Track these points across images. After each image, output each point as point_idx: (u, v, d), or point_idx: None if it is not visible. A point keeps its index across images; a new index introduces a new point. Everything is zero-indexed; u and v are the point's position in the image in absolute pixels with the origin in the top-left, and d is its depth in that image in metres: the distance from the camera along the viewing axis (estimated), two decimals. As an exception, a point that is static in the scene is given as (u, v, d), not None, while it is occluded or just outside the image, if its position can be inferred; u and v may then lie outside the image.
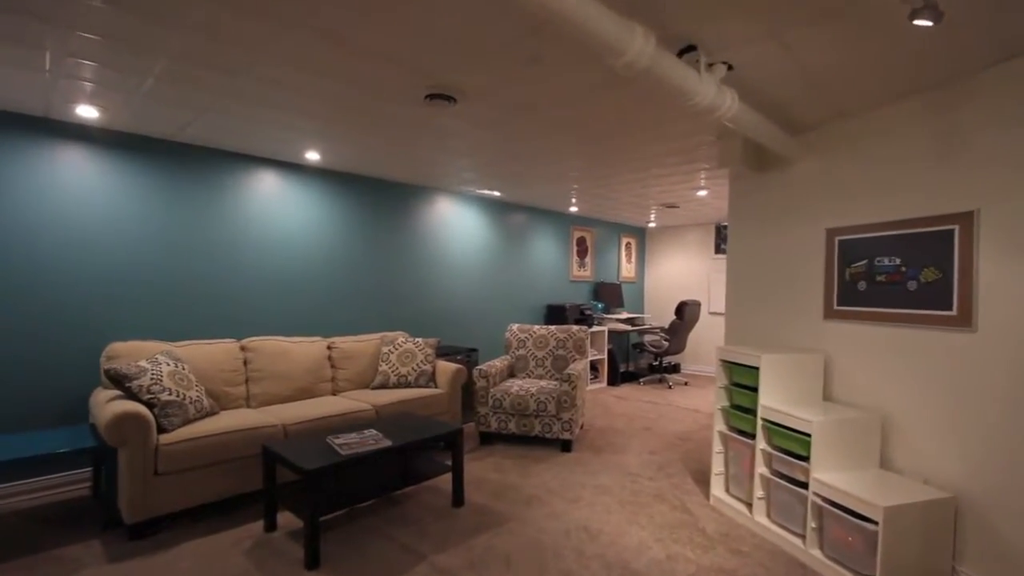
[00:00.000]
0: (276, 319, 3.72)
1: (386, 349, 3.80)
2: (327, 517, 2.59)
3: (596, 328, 5.93)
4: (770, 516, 2.49)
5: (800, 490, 2.28)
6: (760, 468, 2.51)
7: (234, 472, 2.62)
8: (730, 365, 2.76)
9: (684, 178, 4.13)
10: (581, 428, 4.17)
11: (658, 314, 7.51)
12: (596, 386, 5.99)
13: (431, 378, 3.75)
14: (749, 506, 2.61)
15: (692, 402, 5.29)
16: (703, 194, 4.71)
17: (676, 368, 7.13)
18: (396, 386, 3.67)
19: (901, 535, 1.95)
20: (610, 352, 6.16)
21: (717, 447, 2.83)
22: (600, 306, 6.42)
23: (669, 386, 6.07)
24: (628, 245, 7.28)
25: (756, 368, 2.54)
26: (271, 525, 2.46)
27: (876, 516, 1.93)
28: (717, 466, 2.83)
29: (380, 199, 4.32)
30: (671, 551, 2.29)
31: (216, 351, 3.14)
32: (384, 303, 4.36)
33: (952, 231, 2.11)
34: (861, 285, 2.48)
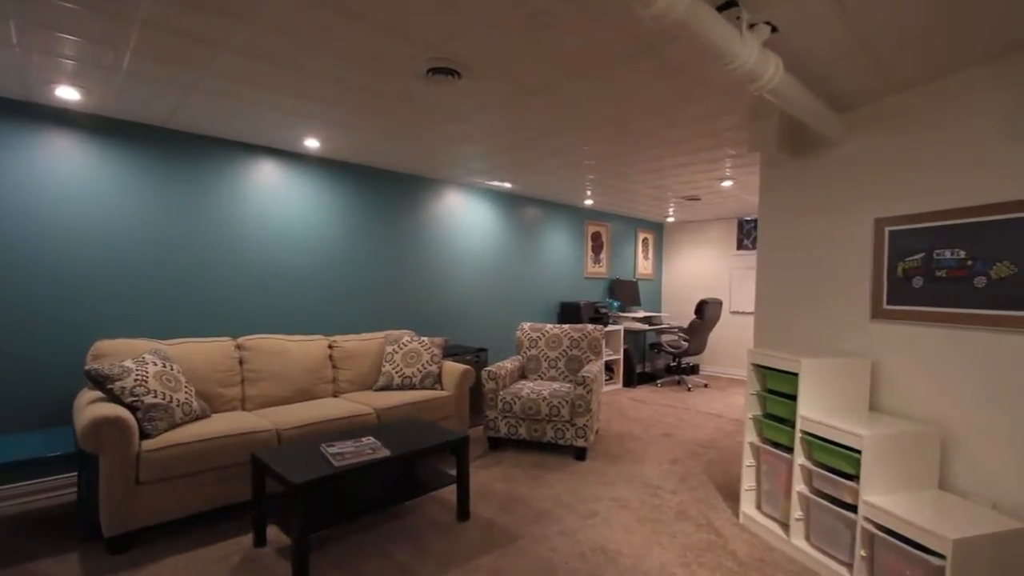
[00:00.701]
0: (275, 316, 3.54)
1: (390, 349, 3.60)
2: (320, 532, 2.39)
3: (611, 327, 5.67)
4: (810, 540, 2.23)
5: (847, 513, 2.02)
6: (798, 486, 2.24)
7: (224, 480, 2.44)
8: (763, 370, 2.50)
9: (708, 167, 3.85)
10: (596, 434, 3.93)
11: (676, 313, 7.21)
12: (611, 387, 5.74)
13: (437, 380, 3.54)
14: (785, 527, 2.35)
15: (713, 406, 5.01)
16: (728, 185, 4.42)
17: (695, 369, 6.83)
18: (400, 388, 3.47)
19: (971, 571, 1.68)
20: (626, 352, 5.89)
21: (748, 460, 2.57)
22: (616, 304, 6.16)
23: (688, 388, 5.79)
24: (645, 241, 7.00)
25: (794, 374, 2.28)
26: (260, 540, 2.27)
27: (943, 549, 1.67)
28: (748, 481, 2.57)
29: (385, 191, 4.12)
30: (699, 579, 2.05)
31: (210, 350, 2.97)
32: (389, 300, 4.17)
33: (1031, 219, 1.82)
34: (916, 281, 2.19)
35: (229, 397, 2.97)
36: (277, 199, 3.54)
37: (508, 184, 4.63)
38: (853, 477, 2.02)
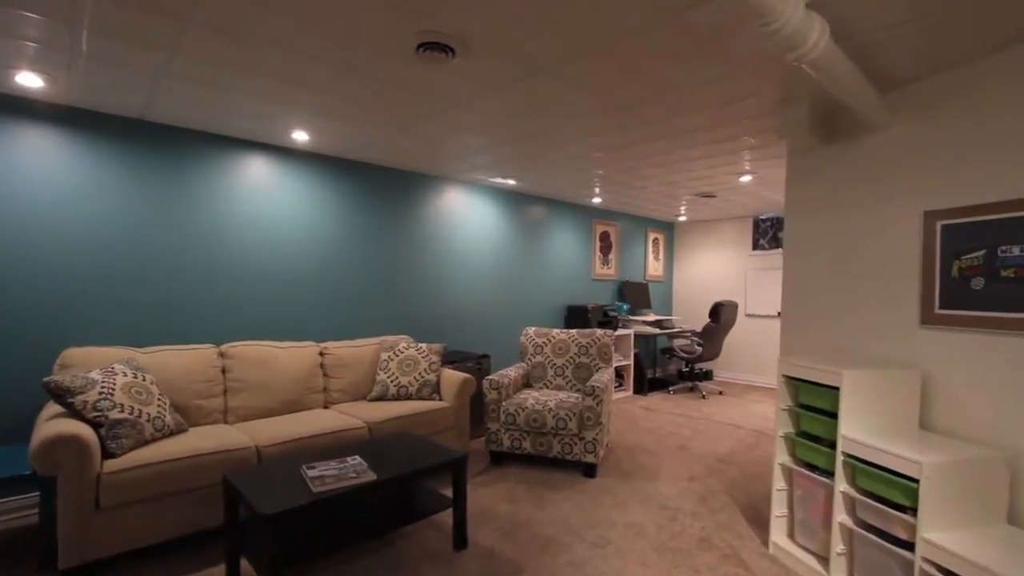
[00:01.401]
0: (262, 322, 3.32)
1: (385, 356, 3.37)
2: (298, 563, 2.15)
3: (621, 331, 5.41)
4: (854, 577, 1.96)
5: (901, 551, 1.74)
6: (840, 515, 1.97)
7: (197, 504, 2.21)
8: (796, 382, 2.23)
9: (726, 159, 3.58)
10: (606, 447, 3.66)
11: (688, 316, 6.92)
12: (621, 395, 5.47)
13: (435, 389, 3.29)
14: (824, 561, 2.08)
15: (730, 415, 4.72)
16: (747, 180, 4.14)
17: (708, 375, 6.53)
18: (396, 398, 3.23)
19: (1062, 629, 1.40)
20: (636, 357, 5.62)
21: (779, 483, 2.30)
22: (625, 307, 5.89)
23: (703, 396, 5.50)
24: (656, 241, 6.72)
25: (834, 388, 2.01)
26: (234, 571, 2.03)
27: (1029, 604, 1.39)
28: (779, 506, 2.30)
29: (382, 189, 3.89)
30: (728, 625, 1.78)
31: (189, 358, 2.75)
32: (386, 304, 3.93)
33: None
34: (976, 283, 1.92)
35: (209, 409, 2.75)
36: (267, 198, 3.32)
37: (512, 181, 4.39)
38: (907, 509, 1.75)
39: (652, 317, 5.92)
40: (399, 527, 2.13)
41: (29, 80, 2.29)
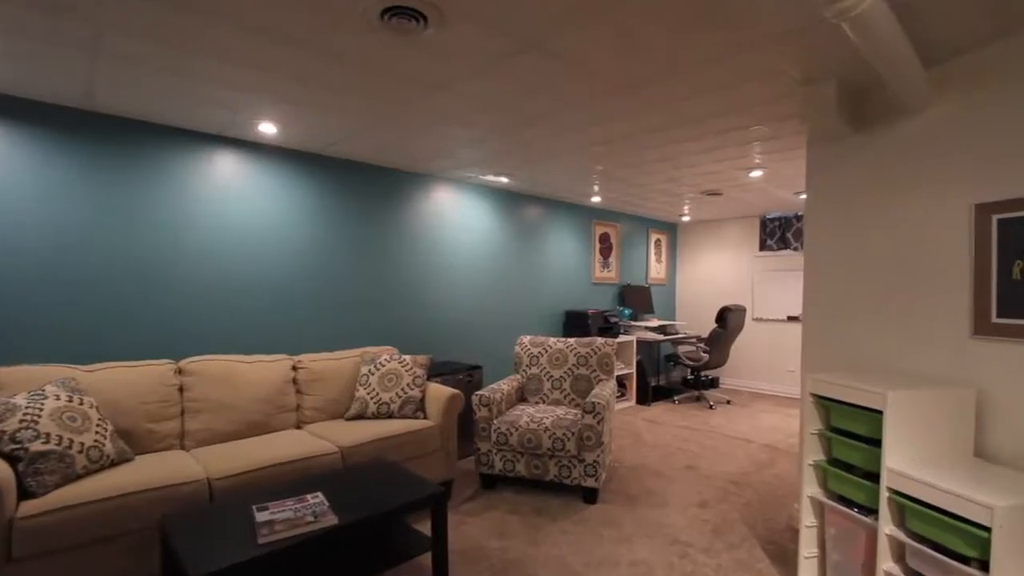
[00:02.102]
0: (229, 334, 3.02)
1: (365, 370, 3.07)
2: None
3: (623, 338, 5.11)
4: (903, 637, 1.65)
5: (967, 612, 1.44)
6: (886, 563, 1.67)
7: (133, 552, 1.91)
8: (827, 402, 1.93)
9: (735, 153, 3.30)
10: (608, 467, 3.35)
11: (693, 320, 6.63)
12: (623, 405, 5.16)
13: (419, 406, 2.99)
14: (865, 615, 1.78)
15: (740, 428, 4.42)
16: (756, 176, 3.85)
17: (714, 383, 6.24)
18: (376, 416, 2.93)
19: None
20: (639, 365, 5.32)
21: (808, 518, 2.00)
22: (627, 312, 5.59)
23: (710, 406, 5.20)
24: (658, 242, 6.43)
25: (875, 411, 1.71)
26: (173, 632, 1.73)
27: None
28: (808, 546, 2.00)
29: (363, 188, 3.60)
30: None
31: (141, 376, 2.45)
32: (368, 313, 3.63)
33: None
34: (1045, 287, 1.62)
35: (163, 434, 2.45)
36: (236, 198, 3.03)
37: (505, 179, 4.10)
38: (973, 561, 1.45)
39: (655, 322, 5.63)
40: (368, 576, 1.83)
41: (-56, 62, 2.00)
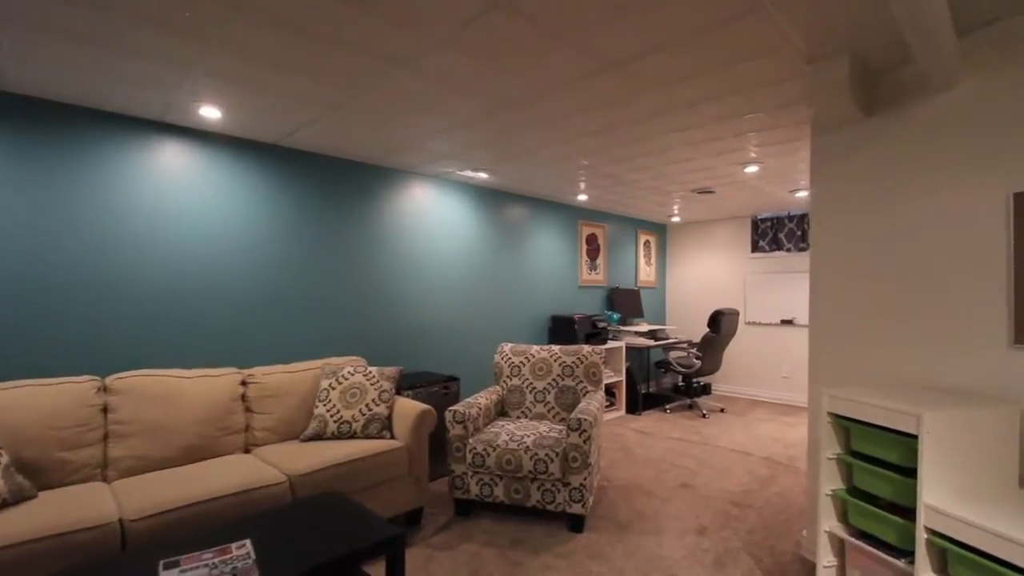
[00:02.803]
0: (170, 346, 2.68)
1: (326, 384, 2.75)
2: None
3: (612, 343, 4.84)
4: None
5: None
6: (924, 617, 1.40)
7: (22, 612, 1.57)
8: (846, 422, 1.67)
9: (730, 146, 3.06)
10: (596, 489, 3.07)
11: (683, 325, 6.40)
12: (613, 415, 4.89)
13: (386, 425, 2.68)
14: (898, 676, 1.51)
15: (736, 438, 4.17)
16: (752, 171, 3.62)
17: (706, 389, 5.99)
18: (336, 437, 2.61)
19: None
20: (628, 372, 5.06)
21: (826, 556, 1.73)
22: (615, 317, 5.34)
23: (703, 415, 4.95)
24: (647, 244, 6.20)
25: (908, 435, 1.45)
26: None
27: None
28: (826, 588, 1.73)
29: (328, 183, 3.29)
30: None
31: (55, 396, 2.11)
32: (333, 320, 3.31)
33: None
34: (1106, 288, 1.38)
35: (80, 463, 2.11)
36: (179, 193, 2.69)
37: (485, 175, 3.82)
38: (1038, 622, 1.19)
39: (645, 327, 5.38)
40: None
41: None
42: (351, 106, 2.42)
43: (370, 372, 2.80)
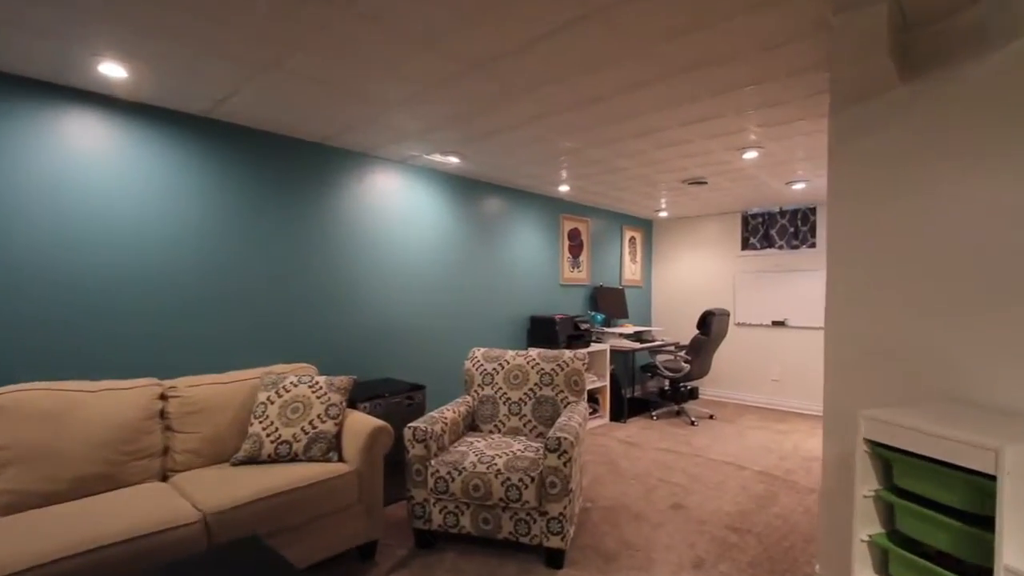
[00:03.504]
0: (72, 353, 2.24)
1: (264, 397, 2.34)
2: None
3: (595, 346, 4.51)
4: None
5: None
6: None
7: None
8: (887, 451, 1.34)
9: (730, 126, 2.74)
10: (578, 515, 2.72)
11: (670, 326, 6.11)
12: (596, 423, 4.56)
13: (333, 445, 2.28)
14: None
15: (728, 449, 3.88)
16: (751, 157, 3.32)
17: (694, 394, 5.72)
18: (273, 460, 2.21)
19: None
20: (613, 376, 4.73)
21: (859, 617, 1.40)
22: (599, 318, 5.01)
23: (692, 422, 4.65)
24: (632, 240, 5.89)
25: (979, 474, 1.13)
26: None
27: None
28: (860, 656, 1.40)
29: (272, 164, 2.87)
30: None
31: (-98, 418, 1.67)
32: (279, 321, 2.89)
33: None
34: None
35: (-67, 502, 1.67)
36: (83, 171, 2.26)
37: (455, 159, 3.43)
38: None
39: (630, 328, 5.06)
40: None
41: None
42: (288, 65, 2.02)
43: (317, 383, 2.40)
